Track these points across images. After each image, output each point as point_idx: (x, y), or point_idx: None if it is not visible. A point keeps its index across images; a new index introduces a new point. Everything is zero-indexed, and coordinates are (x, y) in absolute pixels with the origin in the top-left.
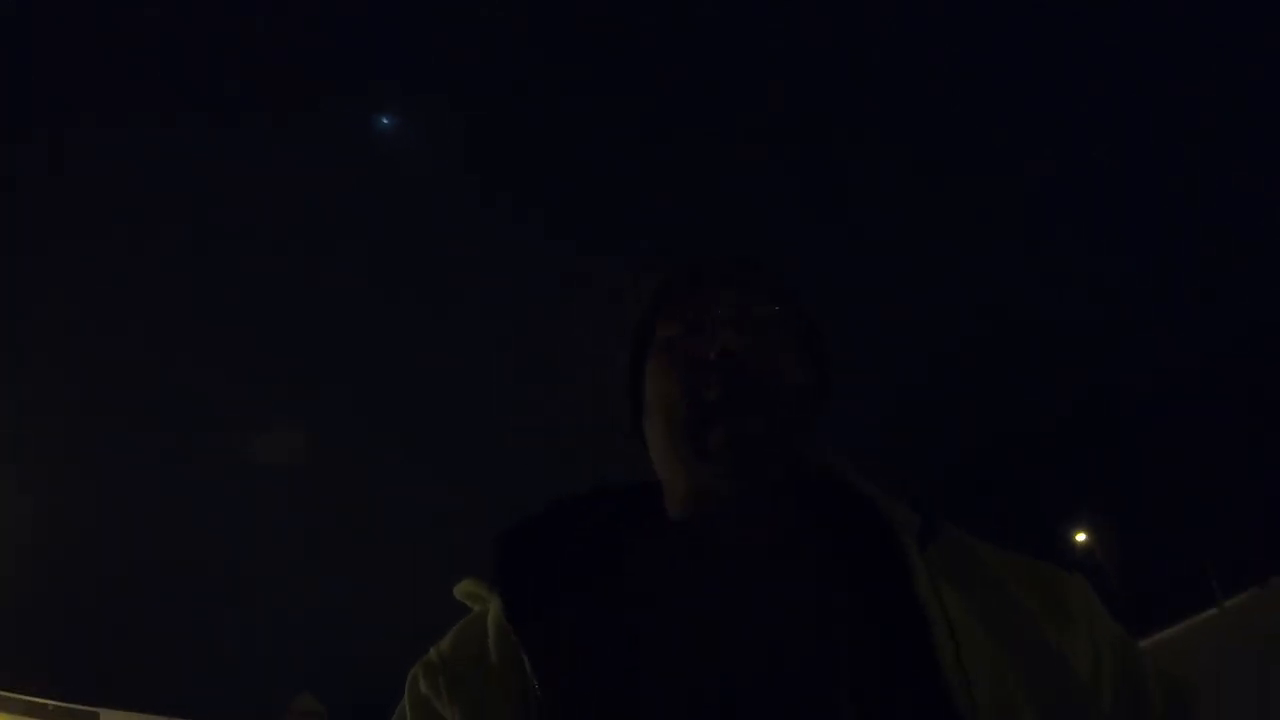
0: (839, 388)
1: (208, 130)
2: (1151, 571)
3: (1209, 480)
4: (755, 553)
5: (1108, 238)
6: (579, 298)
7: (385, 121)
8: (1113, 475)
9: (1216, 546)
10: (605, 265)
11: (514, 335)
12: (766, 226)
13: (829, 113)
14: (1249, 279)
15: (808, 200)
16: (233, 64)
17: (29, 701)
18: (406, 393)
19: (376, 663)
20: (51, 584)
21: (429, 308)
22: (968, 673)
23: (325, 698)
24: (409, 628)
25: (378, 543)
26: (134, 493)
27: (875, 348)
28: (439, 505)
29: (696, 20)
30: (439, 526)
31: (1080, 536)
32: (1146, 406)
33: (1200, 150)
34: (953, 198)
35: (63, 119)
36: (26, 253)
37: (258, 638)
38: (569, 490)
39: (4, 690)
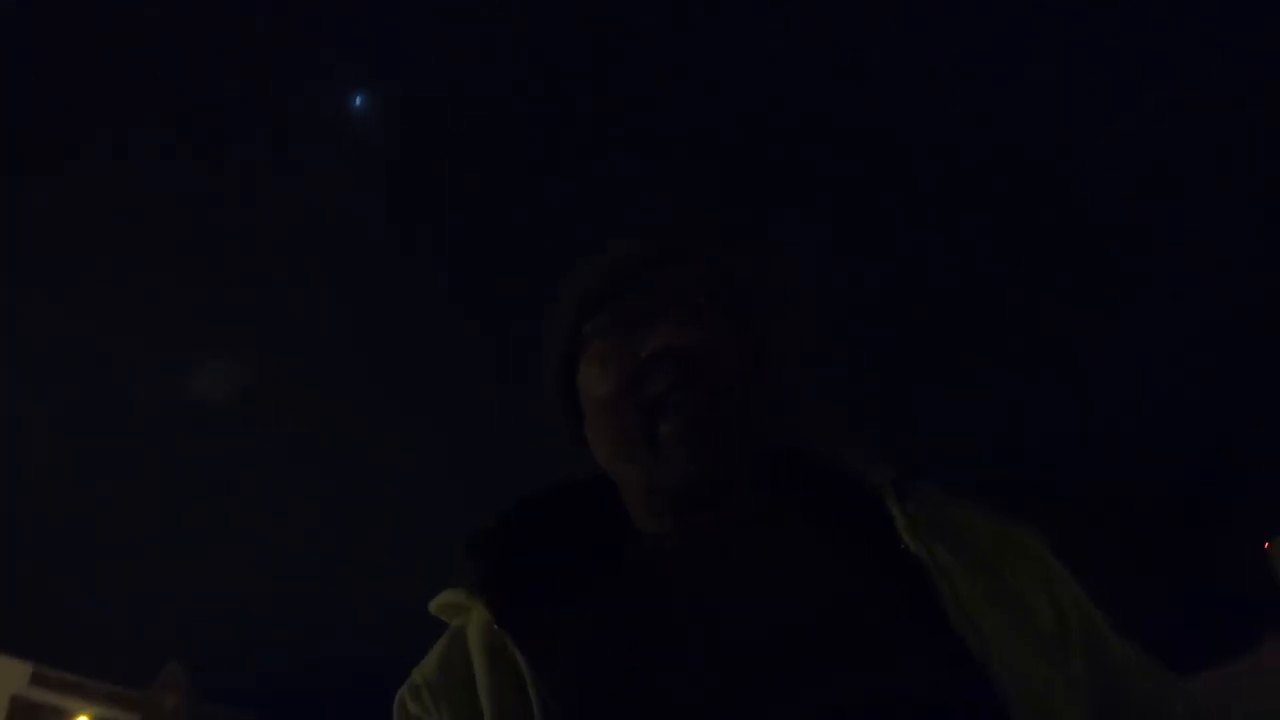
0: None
1: (207, 131)
2: None
3: None
4: (730, 539)
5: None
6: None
7: (358, 102)
8: None
9: None
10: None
11: (512, 335)
12: (766, 227)
13: (829, 113)
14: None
15: (808, 201)
16: (233, 64)
17: None
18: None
19: (239, 626)
20: None
21: (428, 307)
22: (972, 619)
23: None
24: (268, 594)
25: (253, 508)
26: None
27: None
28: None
29: (696, 20)
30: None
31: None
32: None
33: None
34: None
35: (63, 119)
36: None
37: (136, 602)
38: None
39: None
